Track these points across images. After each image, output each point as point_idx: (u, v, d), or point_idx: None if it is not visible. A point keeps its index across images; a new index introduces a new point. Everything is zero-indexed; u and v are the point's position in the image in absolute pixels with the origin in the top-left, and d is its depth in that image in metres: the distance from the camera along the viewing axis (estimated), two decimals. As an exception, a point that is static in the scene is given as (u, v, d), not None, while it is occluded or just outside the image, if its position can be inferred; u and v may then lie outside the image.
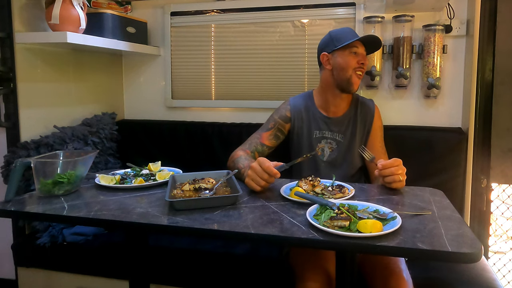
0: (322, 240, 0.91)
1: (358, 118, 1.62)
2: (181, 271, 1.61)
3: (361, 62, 1.54)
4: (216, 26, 2.24)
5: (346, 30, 1.60)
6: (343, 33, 1.58)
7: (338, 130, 1.62)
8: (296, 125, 1.65)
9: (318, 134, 1.63)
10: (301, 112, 1.65)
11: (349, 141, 1.61)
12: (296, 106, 1.66)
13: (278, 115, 1.67)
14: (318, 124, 1.63)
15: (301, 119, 1.64)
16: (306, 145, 1.63)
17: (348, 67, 1.53)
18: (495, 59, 1.79)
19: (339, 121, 1.62)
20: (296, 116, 1.65)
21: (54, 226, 1.71)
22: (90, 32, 1.78)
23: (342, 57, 1.55)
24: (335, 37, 1.58)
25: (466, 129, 1.83)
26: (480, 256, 0.84)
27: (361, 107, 1.65)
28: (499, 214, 2.17)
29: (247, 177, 1.26)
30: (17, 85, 1.71)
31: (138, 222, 1.02)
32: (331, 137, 1.62)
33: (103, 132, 2.03)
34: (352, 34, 1.56)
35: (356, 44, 1.54)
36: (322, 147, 1.62)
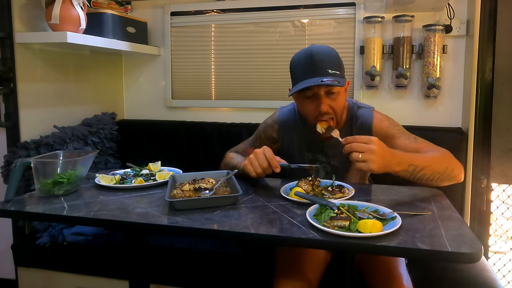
0: (322, 240, 0.91)
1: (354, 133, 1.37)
2: (181, 271, 1.61)
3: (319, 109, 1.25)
4: (216, 26, 2.24)
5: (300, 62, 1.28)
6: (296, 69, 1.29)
7: (333, 154, 1.40)
8: (284, 144, 1.47)
9: (310, 157, 1.43)
10: (290, 130, 1.45)
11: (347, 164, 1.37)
12: (283, 123, 1.47)
13: (264, 133, 1.51)
14: (309, 145, 1.43)
15: (290, 137, 1.45)
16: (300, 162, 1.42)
17: (307, 115, 1.31)
18: (495, 59, 1.79)
19: (333, 143, 1.31)
20: (284, 134, 1.47)
21: (54, 226, 1.71)
22: (90, 32, 1.78)
23: (299, 102, 1.32)
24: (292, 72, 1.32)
25: (466, 129, 1.83)
26: (480, 256, 0.84)
27: (356, 122, 1.38)
28: (499, 214, 2.17)
29: (247, 160, 1.23)
30: (17, 85, 1.71)
31: (138, 222, 1.02)
32: (325, 161, 1.42)
33: (103, 132, 2.03)
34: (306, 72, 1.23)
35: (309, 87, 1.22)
36: (317, 167, 1.41)
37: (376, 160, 1.07)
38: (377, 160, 1.07)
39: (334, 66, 1.25)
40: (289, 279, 1.25)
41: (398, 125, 1.40)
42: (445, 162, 1.23)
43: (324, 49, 1.29)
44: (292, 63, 1.33)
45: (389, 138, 1.34)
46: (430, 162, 1.19)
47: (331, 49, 1.31)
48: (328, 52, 1.29)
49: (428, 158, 1.21)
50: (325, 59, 1.26)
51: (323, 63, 1.24)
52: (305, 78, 1.23)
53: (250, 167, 1.22)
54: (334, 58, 1.28)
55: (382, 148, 1.09)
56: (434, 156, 1.23)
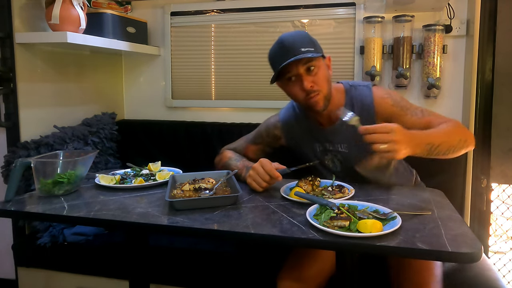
0: (322, 240, 0.91)
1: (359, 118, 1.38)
2: (181, 271, 1.61)
3: (302, 88, 1.27)
4: (216, 26, 2.24)
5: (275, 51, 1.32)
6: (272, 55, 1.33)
7: (339, 141, 1.39)
8: (292, 143, 1.49)
9: (320, 147, 1.44)
10: (293, 126, 1.47)
11: (357, 148, 1.36)
12: (286, 121, 1.49)
13: (266, 133, 1.52)
14: (315, 136, 1.44)
15: (293, 133, 1.48)
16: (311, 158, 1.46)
17: (296, 98, 1.33)
18: (495, 59, 1.79)
19: (335, 129, 1.38)
20: (288, 132, 1.48)
21: (54, 226, 1.71)
22: (90, 32, 1.78)
23: (285, 87, 1.34)
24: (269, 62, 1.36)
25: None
26: (480, 256, 0.84)
27: (357, 102, 1.37)
28: (499, 214, 2.17)
29: (249, 177, 1.26)
30: (17, 85, 1.71)
31: (138, 222, 1.02)
32: (334, 149, 1.41)
33: (103, 132, 2.03)
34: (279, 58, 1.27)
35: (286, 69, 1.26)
36: (331, 159, 1.43)
37: (400, 149, 1.05)
38: (401, 149, 1.05)
39: (305, 44, 1.26)
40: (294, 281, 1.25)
41: (402, 99, 1.36)
42: (458, 134, 1.21)
43: (293, 33, 1.33)
44: (269, 56, 1.35)
45: (395, 116, 1.32)
46: (445, 137, 1.17)
47: (301, 31, 1.35)
48: (297, 34, 1.32)
49: (442, 133, 1.19)
50: (296, 40, 1.28)
51: (295, 45, 1.26)
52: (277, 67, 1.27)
53: (254, 184, 1.25)
54: (305, 37, 1.30)
55: (404, 135, 1.07)
56: (447, 130, 1.21)
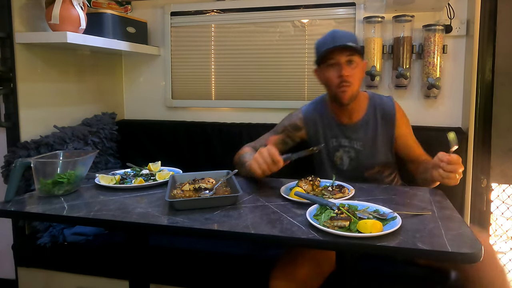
0: (322, 240, 0.91)
1: (378, 123, 1.50)
2: (181, 271, 1.61)
3: (340, 75, 1.37)
4: (216, 26, 2.24)
5: (325, 38, 1.42)
6: (321, 42, 1.43)
7: (356, 138, 1.49)
8: (311, 134, 1.55)
9: (335, 143, 1.52)
10: (315, 119, 1.55)
11: (371, 148, 1.48)
12: (308, 114, 1.57)
13: (289, 122, 1.59)
14: (333, 131, 1.52)
15: (315, 127, 1.54)
16: (325, 154, 1.54)
17: (330, 84, 1.41)
18: (495, 59, 1.79)
19: (356, 127, 1.50)
20: (309, 125, 1.55)
21: (54, 226, 1.71)
22: (90, 32, 1.78)
23: (322, 72, 1.44)
24: (315, 49, 1.46)
25: (466, 129, 1.83)
26: (480, 256, 0.84)
27: (380, 110, 1.51)
28: (499, 214, 2.17)
29: (253, 159, 1.27)
30: (17, 85, 1.71)
31: (138, 222, 1.02)
32: (348, 145, 1.50)
33: (103, 132, 2.03)
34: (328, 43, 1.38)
35: (330, 54, 1.37)
36: (341, 155, 1.51)
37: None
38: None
39: (353, 41, 1.39)
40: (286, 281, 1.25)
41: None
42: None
43: (345, 31, 1.46)
44: (317, 44, 1.46)
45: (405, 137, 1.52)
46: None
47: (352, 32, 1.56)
48: (348, 32, 1.47)
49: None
50: (346, 34, 1.41)
51: (345, 37, 1.38)
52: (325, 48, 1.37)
53: (255, 165, 1.25)
54: (353, 35, 1.45)
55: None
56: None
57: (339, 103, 1.43)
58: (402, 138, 1.51)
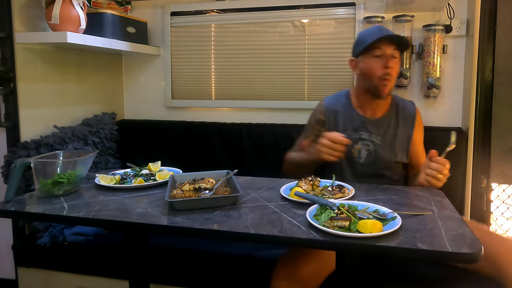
0: (322, 240, 0.91)
1: (399, 122, 1.54)
2: (181, 271, 1.61)
3: (386, 66, 1.40)
4: (216, 26, 2.24)
5: (373, 29, 1.47)
6: (368, 33, 1.46)
7: (376, 132, 1.52)
8: (330, 126, 1.56)
9: (355, 135, 1.53)
10: (336, 112, 1.57)
11: (390, 145, 1.51)
12: (330, 106, 1.59)
13: (314, 119, 1.62)
14: (355, 124, 1.54)
15: (335, 119, 1.56)
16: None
17: (372, 74, 1.43)
18: (495, 59, 1.79)
19: (377, 122, 1.53)
20: (330, 116, 1.57)
21: (54, 226, 1.71)
22: (90, 32, 1.78)
23: (365, 62, 1.45)
24: (359, 39, 1.48)
25: (466, 129, 1.83)
26: (480, 256, 0.84)
27: (402, 110, 1.55)
28: (499, 214, 2.17)
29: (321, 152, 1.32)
30: (17, 85, 1.71)
31: (138, 222, 1.02)
32: (368, 138, 1.52)
33: (103, 132, 2.03)
34: (377, 33, 1.41)
35: (379, 45, 1.40)
36: (359, 149, 1.52)
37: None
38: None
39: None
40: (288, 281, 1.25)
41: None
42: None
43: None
44: (360, 35, 1.51)
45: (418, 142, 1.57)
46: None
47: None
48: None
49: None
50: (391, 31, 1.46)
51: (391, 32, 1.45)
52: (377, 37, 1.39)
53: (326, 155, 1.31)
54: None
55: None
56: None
57: (378, 95, 1.46)
58: (415, 142, 1.56)
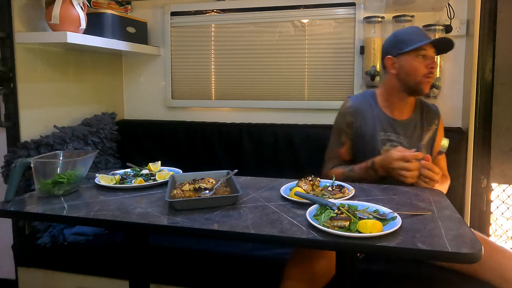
0: (322, 240, 0.91)
1: (424, 124, 1.55)
2: (181, 271, 1.61)
3: (430, 67, 1.44)
4: (216, 26, 2.24)
5: (413, 30, 1.51)
6: (409, 34, 1.49)
7: (404, 134, 1.53)
8: (357, 125, 1.55)
9: (384, 136, 1.53)
10: (364, 112, 1.55)
11: (415, 147, 1.51)
12: (358, 106, 1.56)
13: (345, 124, 1.56)
14: (383, 125, 1.53)
15: (363, 119, 1.54)
16: (370, 146, 1.52)
17: (416, 72, 1.45)
18: (495, 59, 1.79)
19: (404, 124, 1.54)
20: (358, 117, 1.55)
21: (54, 226, 1.71)
22: (90, 32, 1.78)
23: (409, 61, 1.46)
24: (400, 39, 1.49)
25: (466, 129, 1.83)
26: (480, 256, 0.84)
27: (427, 112, 1.58)
28: (499, 214, 2.17)
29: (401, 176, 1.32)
30: (17, 85, 1.71)
31: (138, 222, 1.02)
32: (397, 140, 1.52)
33: (103, 132, 2.03)
34: (419, 36, 1.46)
35: (424, 46, 1.44)
36: (387, 150, 1.49)
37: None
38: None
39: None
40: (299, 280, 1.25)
41: None
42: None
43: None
44: (401, 32, 1.53)
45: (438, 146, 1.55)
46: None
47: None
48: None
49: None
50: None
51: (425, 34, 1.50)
52: (421, 40, 1.44)
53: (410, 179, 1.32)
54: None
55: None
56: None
57: (420, 92, 1.48)
58: (436, 147, 1.57)
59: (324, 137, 1.95)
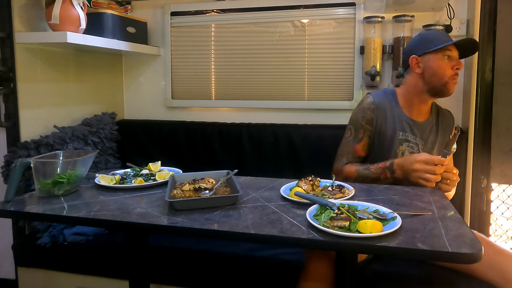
0: (322, 240, 0.91)
1: (440, 128, 1.57)
2: (181, 271, 1.61)
3: (456, 68, 1.45)
4: (216, 26, 2.24)
5: (439, 32, 1.53)
6: (435, 34, 1.50)
7: (420, 135, 1.54)
8: (378, 123, 1.53)
9: (402, 136, 1.53)
10: (385, 110, 1.54)
11: (429, 150, 1.54)
12: (380, 104, 1.55)
13: (365, 120, 1.54)
14: (402, 125, 1.53)
15: (384, 117, 1.54)
16: (387, 145, 1.52)
17: (443, 73, 1.45)
18: (495, 59, 1.79)
19: (422, 126, 1.54)
20: (379, 114, 1.53)
21: (54, 226, 1.71)
22: (90, 32, 1.78)
23: (435, 61, 1.46)
24: (426, 39, 1.49)
25: (466, 129, 1.83)
26: (480, 256, 0.84)
27: (442, 116, 1.59)
28: (499, 214, 2.17)
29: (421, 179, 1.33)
30: (17, 85, 1.71)
31: (138, 222, 1.02)
32: (413, 141, 1.53)
33: (103, 132, 2.03)
34: (445, 36, 1.48)
35: (450, 47, 1.45)
36: (403, 150, 1.52)
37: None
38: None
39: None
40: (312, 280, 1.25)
41: None
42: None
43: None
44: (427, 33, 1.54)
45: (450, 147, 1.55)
46: None
47: None
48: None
49: None
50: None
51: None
52: (447, 40, 1.45)
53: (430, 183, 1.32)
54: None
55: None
56: None
57: (446, 92, 1.48)
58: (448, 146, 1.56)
59: (324, 137, 1.96)
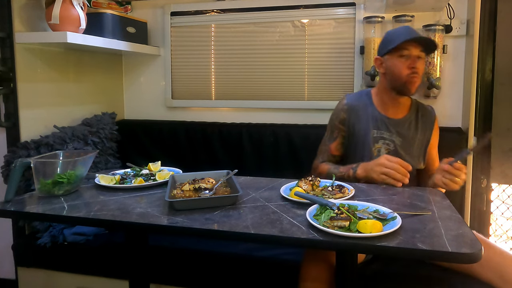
0: (322, 240, 0.91)
1: (419, 125, 1.56)
2: (181, 271, 1.61)
3: (412, 67, 1.43)
4: (216, 26, 2.24)
5: (400, 30, 1.48)
6: (395, 34, 1.48)
7: (397, 132, 1.54)
8: (351, 123, 1.56)
9: (376, 134, 1.54)
10: (358, 110, 1.56)
11: (409, 147, 1.54)
12: (352, 104, 1.57)
13: (338, 120, 1.59)
14: (377, 123, 1.54)
15: (357, 117, 1.56)
16: (362, 143, 1.54)
17: (399, 72, 1.45)
18: (495, 59, 1.79)
19: (398, 123, 1.54)
20: (352, 114, 1.56)
21: (54, 226, 1.71)
22: (90, 32, 1.78)
23: (392, 61, 1.47)
24: (387, 39, 1.49)
25: (466, 129, 1.83)
26: (480, 256, 0.84)
27: (422, 113, 1.58)
28: (499, 214, 2.17)
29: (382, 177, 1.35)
30: (17, 85, 1.71)
31: (138, 222, 1.02)
32: (389, 138, 1.53)
33: (103, 132, 2.03)
34: (405, 35, 1.43)
35: (406, 46, 1.43)
36: (379, 148, 1.53)
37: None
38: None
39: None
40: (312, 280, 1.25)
41: None
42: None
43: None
44: (388, 33, 1.52)
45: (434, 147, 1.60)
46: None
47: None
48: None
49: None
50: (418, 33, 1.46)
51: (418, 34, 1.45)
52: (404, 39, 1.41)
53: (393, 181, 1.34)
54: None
55: None
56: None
57: (406, 92, 1.48)
58: (430, 147, 1.59)
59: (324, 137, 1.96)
